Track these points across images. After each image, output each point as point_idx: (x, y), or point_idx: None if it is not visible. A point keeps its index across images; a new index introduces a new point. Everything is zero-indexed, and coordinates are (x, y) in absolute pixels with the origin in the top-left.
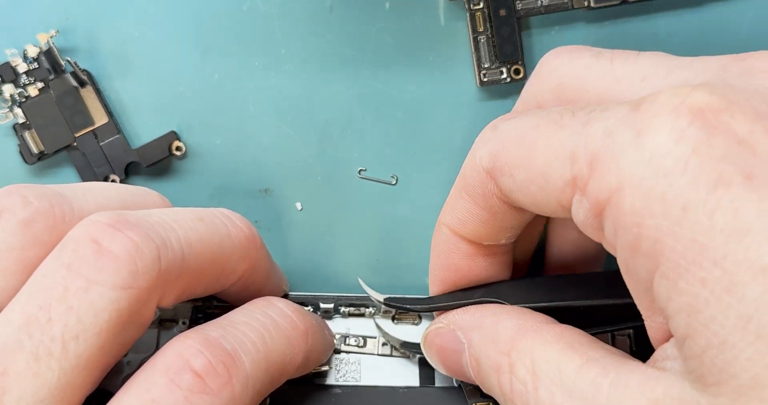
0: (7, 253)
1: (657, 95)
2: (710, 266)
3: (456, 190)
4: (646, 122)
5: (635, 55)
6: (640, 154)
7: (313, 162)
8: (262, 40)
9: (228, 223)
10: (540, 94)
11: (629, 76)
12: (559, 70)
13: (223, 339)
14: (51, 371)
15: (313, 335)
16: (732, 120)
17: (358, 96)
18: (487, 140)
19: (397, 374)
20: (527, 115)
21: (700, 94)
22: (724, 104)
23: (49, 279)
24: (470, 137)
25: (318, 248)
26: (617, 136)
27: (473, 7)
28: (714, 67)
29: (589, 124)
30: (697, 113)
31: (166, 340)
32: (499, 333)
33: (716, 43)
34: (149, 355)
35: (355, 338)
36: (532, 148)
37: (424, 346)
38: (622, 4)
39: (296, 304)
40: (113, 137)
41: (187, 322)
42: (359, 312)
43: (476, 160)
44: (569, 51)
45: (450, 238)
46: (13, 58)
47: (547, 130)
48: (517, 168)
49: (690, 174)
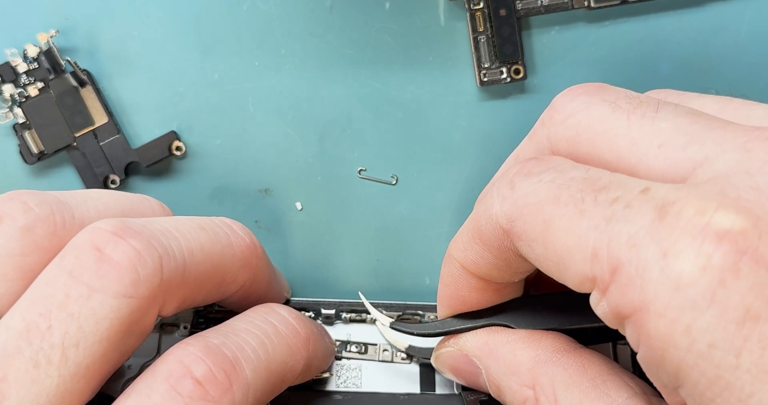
0: (7, 259)
1: (683, 207)
2: (736, 403)
3: (469, 233)
4: (672, 242)
5: (653, 112)
6: (665, 279)
7: (313, 162)
8: (262, 40)
9: (229, 232)
10: (554, 141)
11: (646, 140)
12: (575, 116)
13: (224, 346)
14: (50, 378)
15: (314, 342)
16: (760, 242)
17: (358, 96)
18: (503, 198)
19: (398, 381)
20: (545, 180)
21: (726, 216)
22: (751, 224)
23: (51, 286)
24: (470, 137)
25: (318, 248)
26: (642, 251)
27: (473, 7)
28: (737, 144)
29: (611, 221)
30: (724, 237)
31: (168, 344)
32: (518, 364)
33: (716, 43)
34: (150, 360)
35: (356, 345)
36: (550, 227)
37: (436, 364)
38: (622, 4)
39: (297, 311)
40: (113, 137)
41: (189, 326)
42: (361, 318)
43: (492, 215)
44: (585, 94)
45: (461, 272)
46: (13, 58)
47: (566, 210)
48: (535, 242)
49: (717, 308)
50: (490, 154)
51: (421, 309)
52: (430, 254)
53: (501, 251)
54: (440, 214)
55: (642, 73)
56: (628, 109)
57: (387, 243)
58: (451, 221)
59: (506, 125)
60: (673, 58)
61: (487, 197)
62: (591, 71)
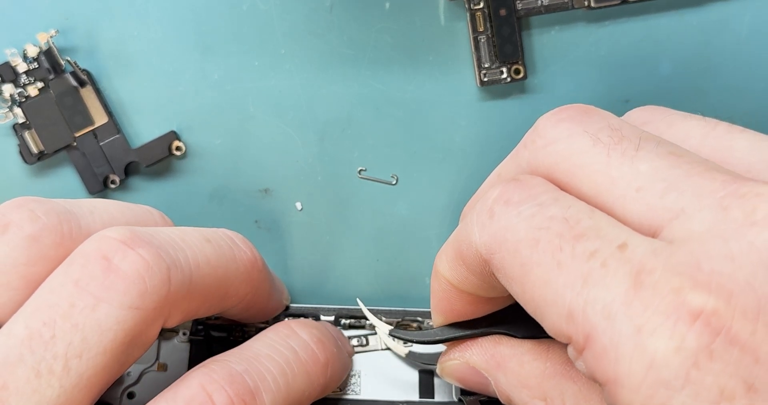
0: (12, 268)
1: (657, 280)
2: None
3: (453, 253)
4: (646, 318)
5: (633, 151)
6: (639, 356)
7: (313, 162)
8: (262, 40)
9: (233, 246)
10: (534, 166)
11: (625, 181)
12: (555, 144)
13: (247, 374)
14: (51, 388)
15: (333, 366)
16: (733, 322)
17: (358, 96)
18: (483, 226)
19: (397, 387)
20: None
21: (699, 296)
22: (724, 303)
23: (56, 294)
24: (470, 137)
25: (318, 248)
26: (616, 324)
27: (473, 6)
28: (714, 200)
29: (588, 283)
30: (697, 317)
31: (167, 350)
32: (527, 376)
33: (716, 43)
34: (149, 366)
35: (357, 339)
36: (528, 272)
37: (441, 374)
38: (622, 4)
39: (317, 331)
40: (113, 137)
41: (188, 333)
42: (360, 324)
43: (472, 243)
44: (569, 120)
45: (450, 288)
46: (13, 58)
47: (544, 258)
48: (513, 281)
49: (691, 388)
50: (490, 154)
51: (420, 315)
52: (430, 254)
53: (484, 275)
54: (440, 214)
55: (642, 73)
56: (608, 145)
57: (387, 243)
58: (451, 221)
59: (506, 125)
60: (673, 58)
61: (467, 220)
62: (591, 71)
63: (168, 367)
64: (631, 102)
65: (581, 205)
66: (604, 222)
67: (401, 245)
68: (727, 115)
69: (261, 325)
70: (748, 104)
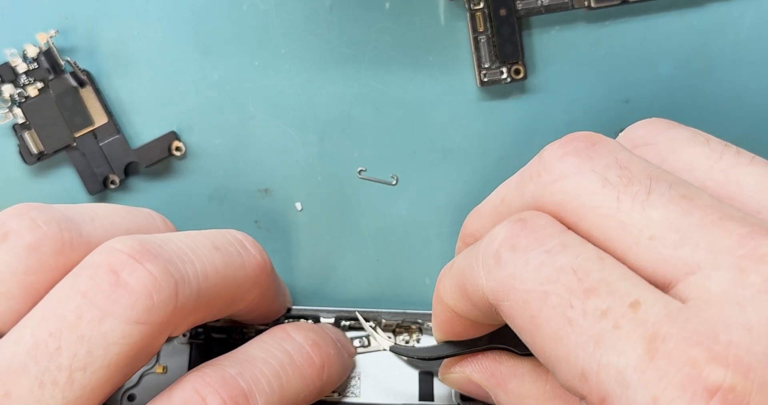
0: (12, 277)
1: (673, 350)
2: None
3: (457, 289)
4: (661, 390)
5: (644, 195)
6: None
7: (313, 162)
8: (262, 40)
9: (242, 250)
10: (541, 202)
11: (636, 229)
12: (562, 182)
13: (240, 377)
14: (54, 399)
15: (329, 368)
16: (751, 398)
17: (358, 96)
18: (489, 271)
19: (397, 390)
20: (532, 263)
21: (717, 371)
22: (741, 378)
23: (63, 305)
24: (470, 137)
25: (318, 248)
26: (631, 393)
27: (473, 6)
28: (732, 260)
29: (600, 346)
30: (714, 393)
31: (166, 351)
32: (527, 397)
33: (716, 43)
34: (149, 368)
35: (359, 339)
36: (538, 326)
37: (442, 382)
38: (622, 4)
39: (313, 334)
40: (113, 137)
41: (188, 334)
42: (359, 326)
43: (478, 287)
44: (575, 154)
45: (453, 314)
46: (13, 58)
47: (554, 313)
48: (523, 331)
49: None
50: (490, 154)
51: (421, 317)
52: (430, 254)
53: (490, 313)
54: (440, 214)
55: (642, 73)
56: (618, 187)
57: (387, 243)
58: (451, 221)
59: (506, 125)
60: (673, 58)
61: (473, 258)
62: (591, 71)
63: (168, 369)
64: (631, 102)
65: (590, 252)
66: (615, 274)
67: (401, 245)
68: (727, 114)
69: (261, 326)
70: (748, 104)
